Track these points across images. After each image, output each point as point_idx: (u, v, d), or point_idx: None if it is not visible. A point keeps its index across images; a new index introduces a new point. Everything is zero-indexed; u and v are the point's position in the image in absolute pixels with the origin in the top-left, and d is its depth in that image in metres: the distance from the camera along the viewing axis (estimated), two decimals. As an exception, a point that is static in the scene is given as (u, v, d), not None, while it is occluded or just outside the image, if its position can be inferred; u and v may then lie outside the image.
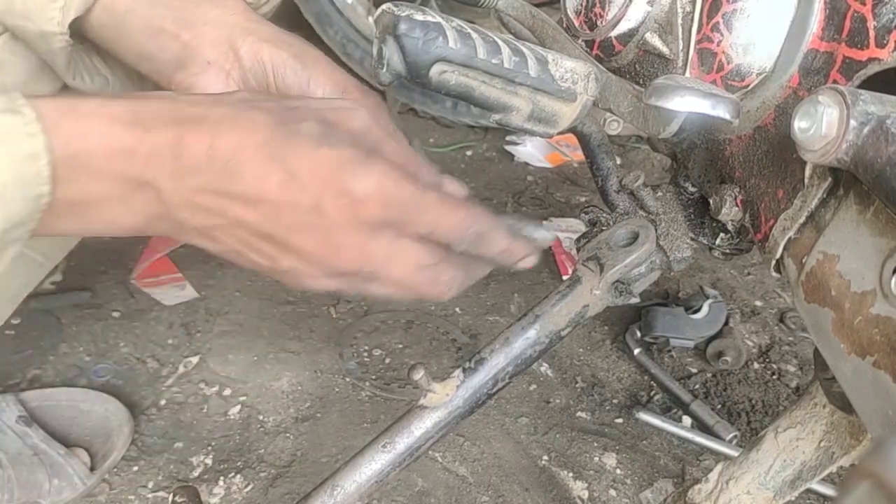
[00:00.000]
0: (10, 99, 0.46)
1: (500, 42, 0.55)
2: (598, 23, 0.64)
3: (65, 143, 0.46)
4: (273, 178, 0.48)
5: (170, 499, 0.72)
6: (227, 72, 0.64)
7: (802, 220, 0.53)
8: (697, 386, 1.41)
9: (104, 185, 0.47)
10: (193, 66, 0.64)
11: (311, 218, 0.49)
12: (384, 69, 0.54)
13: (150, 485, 1.15)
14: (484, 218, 0.54)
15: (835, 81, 0.51)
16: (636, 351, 1.45)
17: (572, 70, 0.57)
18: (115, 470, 1.16)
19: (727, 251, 0.68)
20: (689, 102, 0.49)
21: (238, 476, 1.17)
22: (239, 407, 1.29)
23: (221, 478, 1.17)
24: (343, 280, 0.53)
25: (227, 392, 1.32)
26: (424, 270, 0.53)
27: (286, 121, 0.50)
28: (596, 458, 1.25)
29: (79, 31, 0.66)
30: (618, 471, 1.24)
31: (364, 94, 0.64)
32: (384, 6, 0.54)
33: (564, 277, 1.11)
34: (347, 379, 1.37)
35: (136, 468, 1.17)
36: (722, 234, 0.67)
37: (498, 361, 0.67)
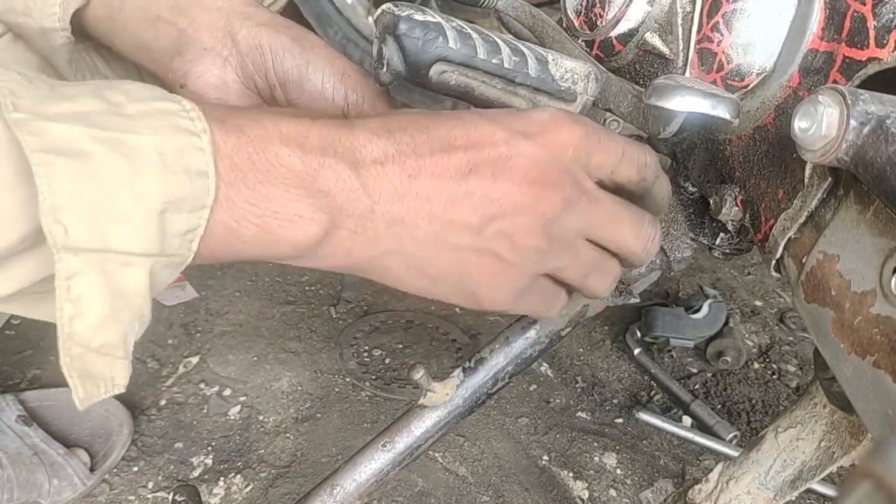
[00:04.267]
0: (165, 93, 0.45)
1: (500, 42, 0.55)
2: (598, 23, 0.64)
3: (237, 130, 0.45)
4: (457, 130, 0.49)
5: (170, 498, 0.72)
6: (224, 58, 0.64)
7: (802, 220, 0.53)
8: (697, 386, 1.41)
9: (281, 171, 0.46)
10: (189, 53, 0.64)
11: (508, 152, 0.49)
12: (384, 69, 0.54)
13: (150, 485, 1.15)
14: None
15: (835, 81, 0.51)
16: (636, 351, 1.45)
17: (572, 70, 0.57)
18: (115, 470, 1.16)
19: (727, 251, 0.68)
20: (689, 102, 0.49)
21: (238, 476, 1.17)
22: (239, 407, 1.29)
23: (221, 478, 1.17)
24: (552, 252, 0.52)
25: (227, 392, 1.32)
26: (628, 208, 0.54)
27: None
28: (596, 458, 1.25)
29: (78, 28, 0.66)
30: (618, 471, 1.24)
31: (363, 77, 0.64)
32: (384, 6, 0.54)
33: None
34: (347, 379, 1.36)
35: (136, 468, 1.17)
36: (722, 234, 0.67)
37: (498, 361, 0.67)
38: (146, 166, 0.42)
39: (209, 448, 1.21)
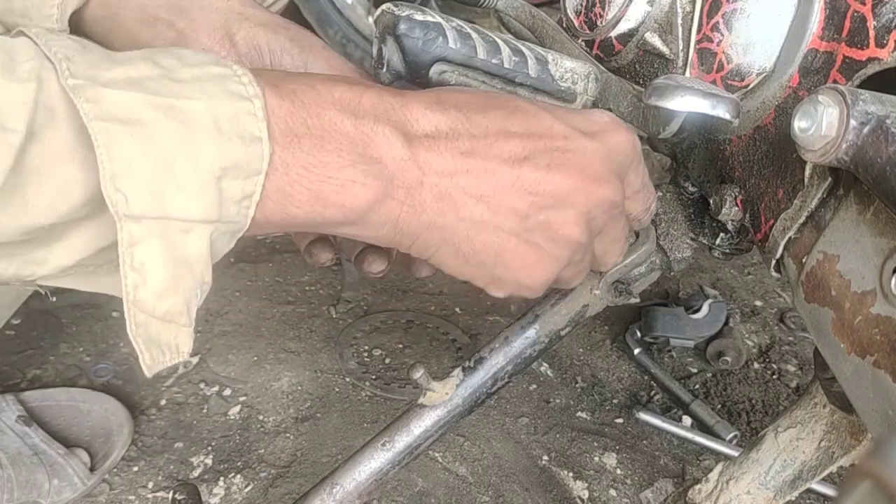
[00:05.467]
0: (217, 58, 0.45)
1: (499, 42, 0.55)
2: (598, 23, 0.64)
3: (292, 95, 0.45)
4: (515, 117, 0.50)
5: (170, 496, 0.72)
6: (222, 58, 0.64)
7: (802, 219, 0.53)
8: (697, 386, 1.41)
9: (334, 136, 0.46)
10: None
11: (566, 146, 0.50)
12: (384, 69, 0.54)
13: (150, 485, 1.15)
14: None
15: (835, 81, 0.51)
16: (636, 351, 1.45)
17: (572, 70, 0.57)
18: (115, 470, 1.16)
19: (727, 251, 0.68)
20: (689, 102, 0.49)
21: (238, 476, 1.17)
22: (239, 407, 1.29)
23: (221, 478, 1.17)
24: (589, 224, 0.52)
25: (227, 392, 1.32)
26: (645, 188, 0.57)
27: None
28: (596, 458, 1.25)
29: (76, 29, 0.66)
30: (618, 471, 1.24)
31: (363, 77, 0.64)
32: (384, 6, 0.54)
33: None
34: (347, 379, 1.37)
35: (136, 468, 1.17)
36: (722, 234, 0.67)
37: (497, 361, 0.67)
38: (201, 133, 0.41)
39: (209, 448, 1.21)
